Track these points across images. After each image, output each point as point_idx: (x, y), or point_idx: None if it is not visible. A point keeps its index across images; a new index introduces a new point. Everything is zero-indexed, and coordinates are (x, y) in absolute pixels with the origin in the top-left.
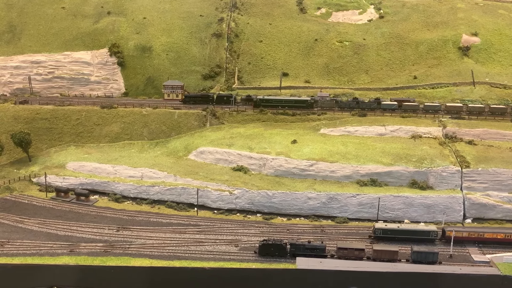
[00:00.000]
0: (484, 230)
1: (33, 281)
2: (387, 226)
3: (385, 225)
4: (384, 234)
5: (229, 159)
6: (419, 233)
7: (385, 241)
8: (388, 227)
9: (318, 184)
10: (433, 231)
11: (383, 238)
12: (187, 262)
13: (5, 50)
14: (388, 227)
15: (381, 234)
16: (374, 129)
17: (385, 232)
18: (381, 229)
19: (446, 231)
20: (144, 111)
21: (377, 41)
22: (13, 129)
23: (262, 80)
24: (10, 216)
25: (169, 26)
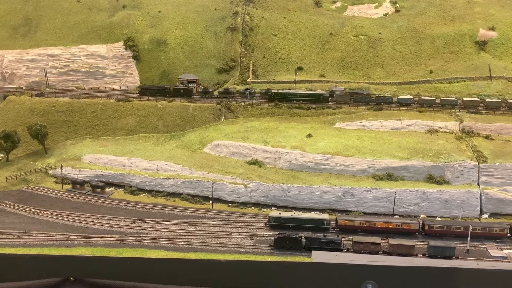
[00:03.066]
0: (376, 220)
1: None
2: (280, 215)
3: (279, 213)
4: (277, 222)
5: (244, 153)
6: (311, 221)
7: (279, 229)
8: (281, 215)
9: (333, 178)
10: (325, 219)
11: (277, 226)
12: (203, 254)
13: (21, 43)
14: (281, 215)
15: (274, 222)
16: (390, 123)
17: (279, 220)
18: (274, 217)
19: (338, 220)
20: (160, 104)
21: (393, 35)
22: (30, 121)
23: (277, 74)
24: (27, 208)
25: (184, 19)
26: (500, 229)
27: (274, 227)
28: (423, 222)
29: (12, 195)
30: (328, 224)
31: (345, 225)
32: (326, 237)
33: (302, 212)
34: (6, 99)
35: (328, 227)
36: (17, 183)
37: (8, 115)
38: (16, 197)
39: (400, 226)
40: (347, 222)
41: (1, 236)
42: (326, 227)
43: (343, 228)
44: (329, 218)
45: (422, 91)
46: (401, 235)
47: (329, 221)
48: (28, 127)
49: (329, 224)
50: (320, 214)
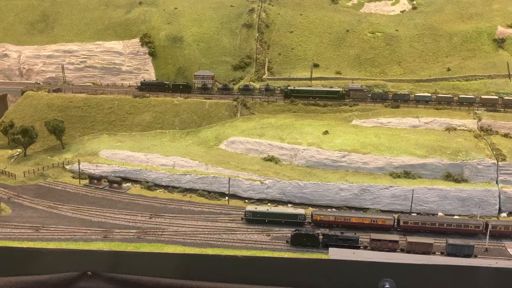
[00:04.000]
0: (351, 215)
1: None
2: (257, 209)
3: (255, 207)
4: (254, 216)
5: (260, 149)
6: (287, 216)
7: (255, 224)
8: (257, 209)
9: (350, 175)
10: (301, 214)
11: (253, 221)
12: (220, 250)
13: (38, 39)
14: (257, 209)
15: (251, 217)
16: (408, 120)
17: (255, 215)
18: (251, 212)
19: (314, 215)
20: (176, 101)
21: (410, 33)
22: (47, 116)
23: (293, 71)
24: (45, 202)
25: (200, 16)
26: (475, 225)
27: (250, 222)
28: (398, 218)
29: (30, 190)
30: (303, 219)
31: (320, 220)
32: (344, 234)
33: (278, 207)
34: (23, 95)
35: (303, 222)
36: (35, 178)
37: (26, 110)
38: (34, 191)
39: (375, 222)
40: (322, 217)
41: (20, 230)
42: (301, 222)
43: (318, 223)
44: (305, 213)
45: (439, 88)
46: (376, 230)
47: (305, 216)
48: (46, 122)
49: (304, 219)
50: (296, 209)
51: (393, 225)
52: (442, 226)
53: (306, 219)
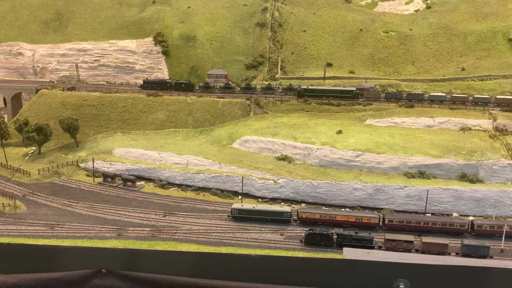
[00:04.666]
0: (337, 213)
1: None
2: (243, 207)
3: (241, 205)
4: (240, 214)
5: (273, 148)
6: (272, 213)
7: (242, 221)
8: (243, 207)
9: (364, 175)
10: (286, 212)
11: (239, 218)
12: (234, 249)
13: (52, 37)
14: (243, 207)
15: (237, 214)
16: (422, 120)
17: (241, 212)
18: (237, 209)
19: (299, 213)
20: (189, 100)
21: (424, 32)
22: (61, 115)
23: (306, 70)
24: (59, 200)
25: (213, 15)
26: (460, 224)
27: (236, 219)
28: (383, 216)
29: (44, 187)
30: (289, 217)
31: (305, 217)
32: (358, 234)
33: (264, 204)
34: (38, 93)
35: (289, 220)
36: (49, 176)
37: (40, 108)
38: (49, 189)
39: (360, 220)
40: (308, 214)
41: (35, 227)
42: (287, 219)
43: (304, 221)
44: (291, 211)
45: (453, 88)
46: (361, 228)
47: (290, 214)
48: (60, 120)
49: (290, 216)
50: (282, 207)
51: (378, 223)
52: (427, 224)
53: (292, 217)
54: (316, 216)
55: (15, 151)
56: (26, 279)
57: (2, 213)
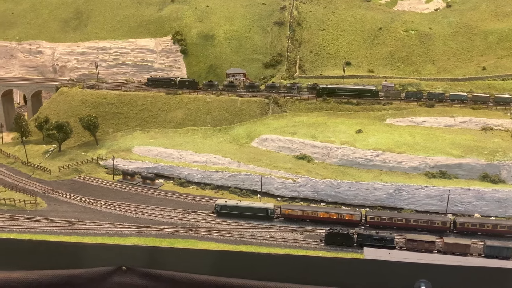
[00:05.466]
0: (319, 210)
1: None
2: (226, 203)
3: (225, 201)
4: (223, 210)
5: (292, 147)
6: (255, 210)
7: (225, 217)
8: (227, 203)
9: (384, 174)
10: (269, 208)
11: (223, 214)
12: (253, 247)
13: (72, 36)
14: (227, 203)
15: (221, 210)
16: (443, 120)
17: (224, 208)
18: (220, 205)
19: (282, 209)
20: (208, 98)
21: (444, 31)
22: (81, 113)
23: (324, 69)
24: (79, 197)
25: (232, 14)
26: (442, 222)
27: (220, 215)
28: (365, 214)
29: (64, 185)
30: (272, 213)
31: (288, 214)
32: (379, 234)
33: (248, 201)
34: (58, 91)
35: (272, 216)
36: (69, 173)
37: (60, 106)
38: (69, 186)
39: (342, 217)
40: (290, 211)
41: (56, 224)
42: (270, 216)
43: (287, 217)
44: (274, 208)
45: (474, 88)
46: (344, 225)
47: (273, 210)
48: (80, 118)
49: (273, 213)
50: (265, 203)
51: (360, 220)
52: (408, 222)
53: (275, 213)
54: (298, 213)
55: (35, 149)
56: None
57: (23, 210)
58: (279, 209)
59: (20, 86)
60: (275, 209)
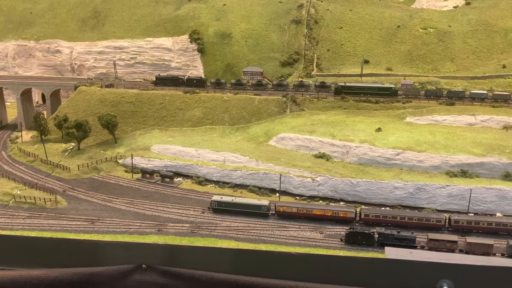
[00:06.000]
0: (313, 207)
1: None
2: (222, 199)
3: (220, 197)
4: (219, 206)
5: (311, 146)
6: (251, 206)
7: (220, 213)
8: (222, 199)
9: (404, 173)
10: (264, 205)
11: (219, 210)
12: (273, 246)
13: (89, 35)
14: (222, 199)
15: (216, 206)
16: (464, 118)
17: (220, 205)
18: (216, 202)
19: (277, 207)
20: (225, 97)
21: (463, 29)
22: (100, 111)
23: (342, 67)
24: (99, 195)
25: (249, 12)
26: (437, 220)
27: (216, 211)
28: (360, 211)
29: (84, 183)
30: (267, 210)
31: (283, 211)
32: (400, 233)
33: (243, 198)
34: (77, 89)
35: (267, 213)
36: (89, 171)
37: (79, 105)
38: (88, 184)
39: (336, 214)
40: (285, 208)
41: (76, 222)
42: (265, 213)
43: (282, 215)
44: (269, 205)
45: (494, 86)
46: (338, 222)
47: (268, 207)
48: (99, 117)
49: (268, 210)
50: (260, 200)
51: (355, 217)
52: (403, 220)
53: (270, 210)
54: (293, 210)
55: (54, 147)
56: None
57: (43, 208)
58: (274, 206)
59: (39, 85)
60: (270, 206)
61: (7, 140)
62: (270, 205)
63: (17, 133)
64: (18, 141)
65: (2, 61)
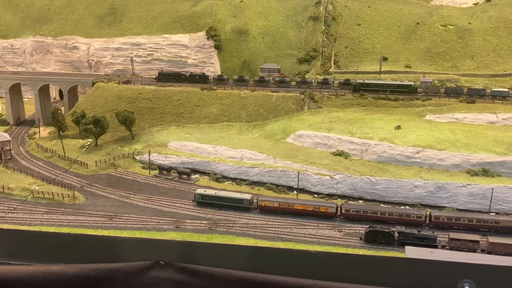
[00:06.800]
0: (294, 202)
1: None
2: (205, 192)
3: (204, 190)
4: (202, 199)
5: (329, 144)
6: (233, 200)
7: (204, 206)
8: (206, 193)
9: (424, 172)
10: (246, 199)
11: (202, 203)
12: (292, 244)
13: (107, 32)
14: (206, 193)
15: (200, 199)
16: (485, 116)
17: (204, 198)
18: (200, 195)
19: (259, 201)
20: (243, 94)
21: (483, 26)
22: (117, 107)
23: (360, 64)
24: (116, 191)
25: (266, 9)
26: (417, 216)
27: (200, 204)
28: (340, 206)
29: (101, 179)
30: (249, 204)
31: (264, 205)
32: (421, 232)
33: (226, 191)
34: (94, 86)
35: (249, 207)
36: (106, 168)
37: (97, 101)
38: (106, 180)
39: (317, 209)
40: (267, 203)
41: (94, 218)
42: (247, 206)
43: (263, 209)
44: (251, 199)
45: None
46: (319, 217)
47: (250, 201)
48: (117, 113)
49: (250, 204)
50: (242, 194)
51: (336, 213)
52: (383, 215)
53: (252, 204)
54: (275, 204)
55: (72, 143)
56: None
57: (61, 204)
58: (256, 200)
59: (56, 81)
60: (252, 200)
61: (25, 135)
62: (253, 199)
63: (35, 128)
64: (36, 136)
65: (20, 57)
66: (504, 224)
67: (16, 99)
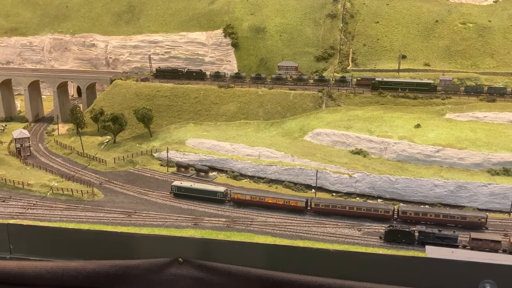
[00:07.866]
0: (266, 195)
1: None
2: (181, 184)
3: (180, 183)
4: (179, 191)
5: (347, 142)
6: (207, 192)
7: (181, 198)
8: (182, 185)
9: (444, 171)
10: (220, 192)
11: (178, 195)
12: (311, 243)
13: (124, 29)
14: (182, 185)
15: (176, 191)
16: (506, 115)
17: (180, 190)
18: (176, 186)
19: (232, 194)
20: (260, 91)
21: (503, 24)
22: (135, 105)
23: (378, 62)
24: (135, 188)
25: (283, 7)
26: (385, 210)
27: (176, 196)
28: (310, 200)
29: (120, 176)
30: (222, 196)
31: (237, 198)
32: (441, 232)
33: (201, 184)
34: (112, 83)
35: (223, 200)
36: (124, 165)
37: (115, 98)
38: (124, 177)
39: (287, 203)
40: (239, 195)
41: (113, 214)
42: (221, 199)
43: (236, 202)
44: (225, 191)
45: None
46: (289, 211)
47: (224, 194)
48: (135, 110)
49: (223, 196)
50: (216, 187)
51: (305, 207)
52: (352, 209)
53: (226, 197)
54: (247, 197)
55: (90, 140)
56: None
57: (80, 200)
58: (229, 193)
59: (75, 78)
60: (226, 192)
61: (43, 132)
62: (227, 191)
63: (54, 125)
64: (55, 133)
65: (39, 54)
66: (471, 219)
67: (34, 96)
